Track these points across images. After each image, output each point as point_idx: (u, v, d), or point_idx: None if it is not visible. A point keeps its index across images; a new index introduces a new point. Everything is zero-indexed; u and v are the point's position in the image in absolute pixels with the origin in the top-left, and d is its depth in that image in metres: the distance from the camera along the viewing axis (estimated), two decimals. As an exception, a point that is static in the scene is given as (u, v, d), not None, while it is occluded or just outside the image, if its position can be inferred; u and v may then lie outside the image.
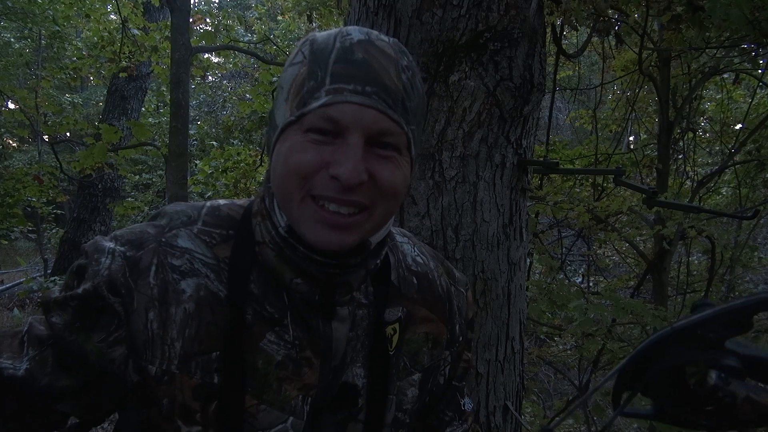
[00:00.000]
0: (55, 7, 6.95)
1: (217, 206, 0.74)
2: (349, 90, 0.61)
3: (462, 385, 0.89)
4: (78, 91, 12.76)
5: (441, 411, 0.87)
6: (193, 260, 0.69)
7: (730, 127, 4.89)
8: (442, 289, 0.84)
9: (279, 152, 0.65)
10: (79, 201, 6.54)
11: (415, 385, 0.79)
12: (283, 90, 0.66)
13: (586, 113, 4.98)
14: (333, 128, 0.62)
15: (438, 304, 0.83)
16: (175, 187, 4.28)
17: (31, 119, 6.43)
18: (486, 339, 1.47)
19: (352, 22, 1.58)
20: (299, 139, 0.63)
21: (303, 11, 5.70)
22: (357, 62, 0.62)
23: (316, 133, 0.62)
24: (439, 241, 1.42)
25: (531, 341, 4.67)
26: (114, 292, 0.66)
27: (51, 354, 0.68)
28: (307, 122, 0.62)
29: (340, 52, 0.63)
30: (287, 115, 0.64)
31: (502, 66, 1.40)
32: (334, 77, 0.61)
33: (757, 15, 2.26)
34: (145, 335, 0.66)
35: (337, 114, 0.61)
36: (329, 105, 0.61)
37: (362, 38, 0.64)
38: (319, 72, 0.62)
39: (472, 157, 1.42)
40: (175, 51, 4.34)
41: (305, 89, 0.63)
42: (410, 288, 0.80)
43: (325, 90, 0.61)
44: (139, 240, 0.69)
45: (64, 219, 11.58)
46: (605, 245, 4.95)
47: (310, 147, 0.62)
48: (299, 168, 0.62)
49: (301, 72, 0.64)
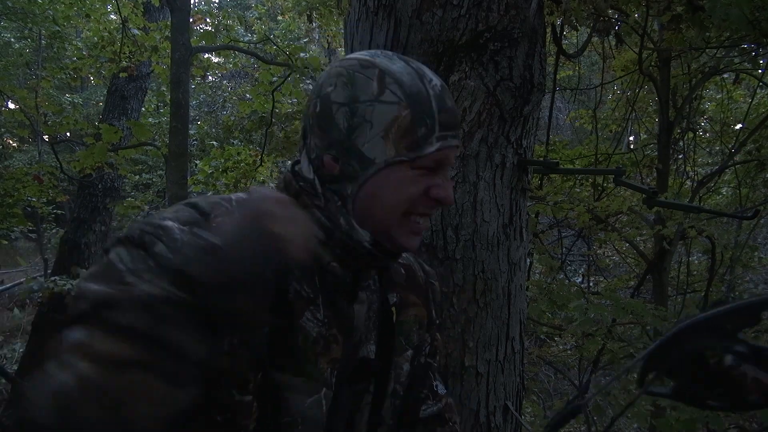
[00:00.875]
0: (55, 7, 6.94)
1: (244, 200, 0.82)
2: (451, 135, 0.78)
3: (433, 364, 1.02)
4: (78, 91, 12.76)
5: (417, 389, 0.98)
6: None
7: (730, 127, 4.89)
8: (421, 279, 0.99)
9: (384, 183, 0.78)
10: (79, 201, 6.53)
11: (408, 361, 0.92)
12: (374, 126, 0.76)
13: (586, 113, 4.98)
14: (437, 166, 0.79)
15: (420, 291, 0.97)
16: (175, 187, 4.28)
17: (31, 119, 6.43)
18: (486, 339, 1.47)
19: (352, 23, 1.58)
20: (410, 174, 0.77)
21: (303, 11, 5.70)
22: (451, 111, 0.79)
23: (423, 169, 0.78)
24: (439, 241, 1.42)
25: (531, 341, 4.66)
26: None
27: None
28: (420, 162, 0.77)
29: (437, 101, 0.77)
30: (390, 153, 0.76)
31: (502, 66, 1.40)
32: (441, 126, 0.77)
33: (757, 15, 2.26)
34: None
35: (443, 157, 0.78)
36: (440, 150, 0.77)
37: (441, 83, 0.80)
38: (428, 120, 0.76)
39: (472, 157, 1.42)
40: (175, 51, 4.34)
41: (419, 135, 0.76)
42: (400, 277, 0.94)
43: (435, 137, 0.76)
44: (196, 224, 0.72)
45: (64, 219, 11.57)
46: (605, 245, 4.95)
47: (419, 179, 0.78)
48: (411, 195, 0.78)
49: (403, 115, 0.76)
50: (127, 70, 6.04)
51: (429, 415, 0.99)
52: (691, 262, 4.59)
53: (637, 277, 4.43)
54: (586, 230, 3.90)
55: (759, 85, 4.08)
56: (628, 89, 4.52)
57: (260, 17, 8.13)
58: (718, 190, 5.04)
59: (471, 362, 1.45)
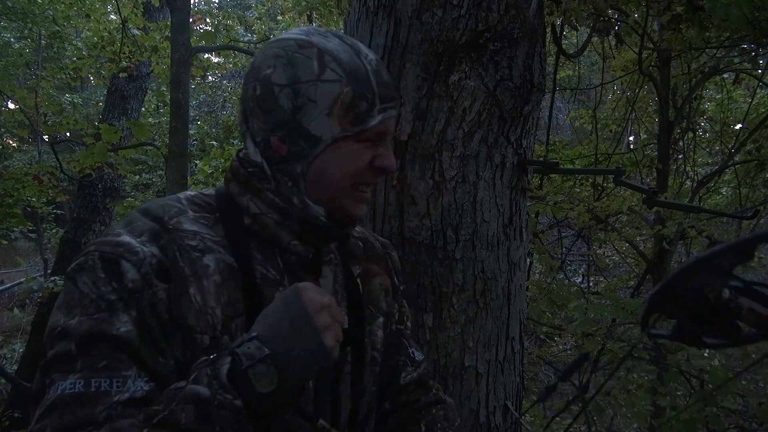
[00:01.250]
0: (55, 7, 6.94)
1: (191, 196, 0.85)
2: (391, 107, 0.82)
3: (405, 331, 1.05)
4: (78, 91, 12.76)
5: (392, 357, 1.01)
6: (204, 239, 0.79)
7: (730, 127, 4.89)
8: (379, 250, 1.03)
9: (333, 158, 0.80)
10: (79, 201, 6.52)
11: (380, 327, 0.95)
12: (318, 105, 0.78)
13: (586, 113, 4.98)
14: (378, 137, 0.82)
15: (380, 260, 1.01)
16: (175, 187, 4.28)
17: (31, 119, 6.42)
18: (486, 339, 1.47)
19: (352, 22, 1.58)
20: (355, 147, 0.80)
21: (303, 11, 5.70)
22: (388, 84, 0.82)
23: (368, 141, 0.81)
24: (439, 241, 1.42)
25: (531, 341, 4.66)
26: (163, 278, 0.73)
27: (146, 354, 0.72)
28: (364, 135, 0.80)
29: (375, 75, 0.80)
30: (336, 129, 0.79)
31: (502, 66, 1.40)
32: (382, 99, 0.80)
33: (757, 15, 2.26)
34: (195, 309, 0.74)
35: (385, 128, 0.82)
36: (382, 122, 0.81)
37: (376, 57, 0.83)
38: (368, 95, 0.79)
39: (472, 157, 1.42)
40: (175, 51, 4.34)
41: (361, 110, 0.79)
42: (359, 250, 0.98)
43: (377, 110, 0.80)
44: (151, 231, 0.76)
45: (64, 219, 11.58)
46: (605, 245, 4.95)
47: (364, 152, 0.81)
48: (358, 168, 0.81)
49: (345, 91, 0.78)
50: (127, 70, 6.03)
51: (410, 381, 1.01)
52: (691, 262, 4.57)
53: (637, 277, 4.43)
54: (586, 230, 3.90)
55: (759, 85, 4.07)
56: (628, 89, 4.52)
57: (260, 17, 8.12)
58: (718, 190, 5.04)
59: (471, 362, 1.45)
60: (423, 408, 0.99)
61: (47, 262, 7.58)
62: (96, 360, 0.67)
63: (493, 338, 1.48)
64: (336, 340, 0.69)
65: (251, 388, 0.64)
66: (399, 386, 1.00)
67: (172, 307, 0.72)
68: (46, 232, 10.76)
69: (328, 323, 0.68)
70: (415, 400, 1.00)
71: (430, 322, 1.43)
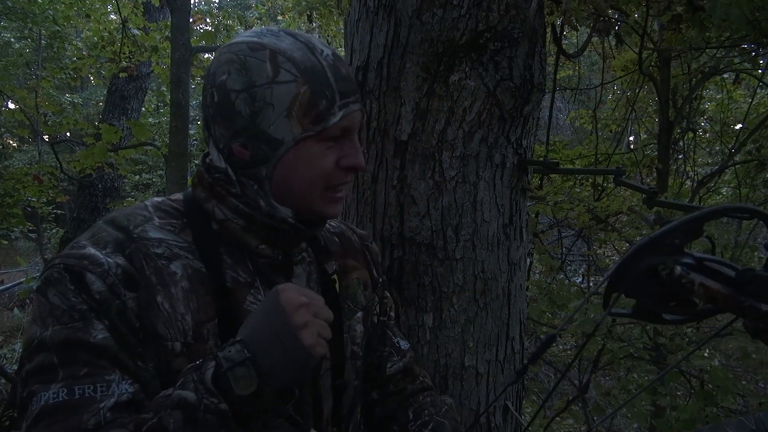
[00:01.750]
0: (55, 7, 6.94)
1: (158, 203, 0.85)
2: (351, 101, 0.79)
3: (389, 322, 1.05)
4: (78, 91, 12.75)
5: (377, 348, 1.02)
6: (170, 246, 0.78)
7: (730, 127, 4.88)
8: (357, 243, 1.03)
9: (296, 160, 0.78)
10: (79, 201, 6.53)
11: (360, 322, 0.95)
12: (276, 107, 0.76)
13: (586, 113, 4.98)
14: (342, 134, 0.80)
15: (358, 254, 1.01)
16: (175, 187, 4.28)
17: (31, 119, 6.42)
18: (486, 339, 1.47)
19: (352, 23, 1.58)
20: (318, 148, 0.78)
21: (303, 11, 5.70)
22: (347, 78, 0.79)
23: (331, 140, 0.79)
24: (439, 241, 1.42)
25: (531, 341, 4.66)
26: (130, 287, 0.72)
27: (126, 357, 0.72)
28: (327, 134, 0.78)
29: (332, 71, 0.78)
30: (297, 130, 0.77)
31: (502, 66, 1.40)
32: (341, 95, 0.78)
33: (757, 15, 2.26)
34: (163, 317, 0.73)
35: (349, 123, 0.79)
36: (344, 117, 0.78)
37: (332, 52, 0.80)
38: (326, 91, 0.77)
39: (472, 157, 1.42)
40: (175, 51, 4.34)
41: (321, 108, 0.77)
42: (335, 246, 0.98)
43: (338, 106, 0.78)
44: (116, 242, 0.75)
45: (64, 219, 11.57)
46: (605, 245, 4.94)
47: (328, 152, 0.79)
48: (324, 169, 0.79)
49: (302, 91, 0.76)
50: (127, 70, 6.04)
51: (396, 371, 1.01)
52: (691, 262, 4.57)
53: (637, 277, 4.41)
54: (586, 230, 3.90)
55: (759, 85, 4.07)
56: (628, 89, 4.52)
57: (260, 17, 8.12)
58: (718, 190, 5.03)
59: (471, 362, 1.45)
60: (410, 396, 1.00)
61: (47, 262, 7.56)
62: (77, 368, 0.67)
63: (493, 338, 1.48)
64: (317, 337, 0.68)
65: (233, 392, 0.64)
66: (385, 377, 1.01)
67: (142, 315, 0.72)
68: (46, 232, 10.75)
69: (306, 321, 0.67)
70: (402, 388, 1.01)
71: (430, 322, 1.43)
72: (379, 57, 1.46)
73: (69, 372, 0.67)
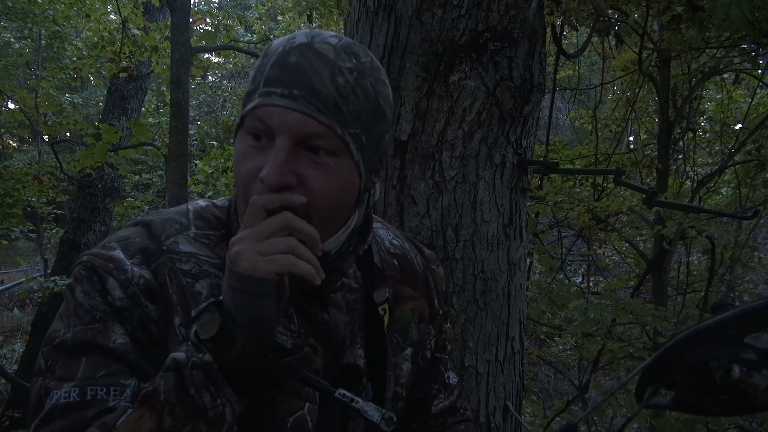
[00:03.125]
0: (55, 7, 6.94)
1: (201, 209, 0.77)
2: (277, 93, 0.64)
3: (444, 357, 0.94)
4: (78, 91, 12.75)
5: (427, 384, 0.92)
6: (200, 262, 0.72)
7: (730, 127, 4.89)
8: (419, 268, 0.90)
9: (234, 158, 0.69)
10: (79, 201, 6.52)
11: (408, 360, 0.84)
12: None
13: (586, 113, 4.98)
14: (264, 130, 0.65)
15: (418, 281, 0.88)
16: (175, 187, 4.28)
17: (31, 119, 6.42)
18: (486, 339, 1.47)
19: (352, 23, 1.58)
20: (241, 146, 0.67)
21: (303, 11, 5.70)
22: (289, 66, 0.64)
23: (252, 137, 0.66)
24: (439, 241, 1.42)
25: (531, 341, 4.66)
26: (151, 299, 0.68)
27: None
28: (246, 125, 0.66)
29: (278, 56, 0.65)
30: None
31: (502, 66, 1.40)
32: (266, 81, 0.65)
33: (757, 15, 2.26)
34: (177, 341, 0.68)
35: (265, 116, 0.64)
36: (258, 107, 0.64)
37: (303, 41, 0.66)
38: (258, 76, 0.66)
39: (472, 157, 1.42)
40: (175, 51, 4.34)
41: (246, 92, 0.67)
42: (393, 269, 0.85)
43: (258, 93, 0.65)
44: (144, 251, 0.71)
45: (64, 219, 11.56)
46: (605, 245, 4.95)
47: (249, 156, 0.66)
48: (241, 178, 0.67)
49: (251, 75, 0.68)
50: (127, 70, 6.03)
51: (441, 410, 0.93)
52: (691, 262, 4.59)
53: (637, 277, 4.43)
54: (586, 230, 3.90)
55: (759, 85, 4.07)
56: (628, 89, 4.52)
57: (260, 17, 8.11)
58: (718, 190, 5.04)
59: (471, 362, 1.45)
60: (448, 428, 0.94)
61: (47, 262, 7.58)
62: (94, 369, 0.65)
63: (493, 338, 1.48)
64: (256, 256, 0.60)
65: (205, 340, 0.60)
66: (429, 414, 0.93)
67: (160, 330, 0.68)
68: (46, 232, 10.75)
69: (240, 249, 0.61)
70: (442, 422, 0.94)
71: (430, 322, 1.43)
72: (378, 57, 1.46)
73: (86, 373, 0.64)
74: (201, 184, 5.79)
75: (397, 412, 0.83)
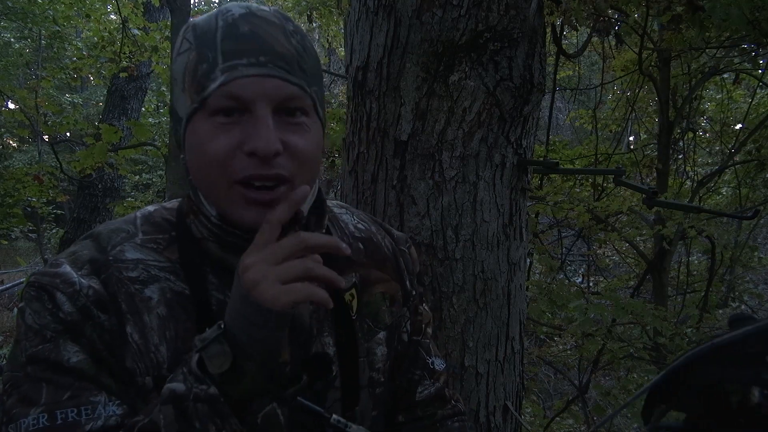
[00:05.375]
0: (55, 7, 6.94)
1: (149, 214, 0.76)
2: (243, 64, 0.62)
3: (424, 341, 0.91)
4: (78, 91, 12.76)
5: (407, 370, 0.89)
6: (148, 268, 0.70)
7: (730, 127, 4.89)
8: (387, 250, 0.88)
9: (191, 144, 0.66)
10: (79, 201, 6.53)
11: (382, 344, 0.82)
12: (178, 81, 0.67)
13: (586, 113, 4.98)
14: (237, 105, 0.63)
15: (387, 263, 0.86)
16: (175, 187, 4.27)
17: (31, 119, 6.42)
18: (486, 339, 1.47)
19: (352, 23, 1.58)
20: (206, 126, 0.63)
21: (303, 11, 5.70)
22: (244, 36, 0.63)
23: (221, 115, 0.63)
24: (439, 241, 1.42)
25: (531, 341, 4.66)
26: (102, 310, 0.66)
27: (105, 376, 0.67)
28: (211, 105, 0.63)
29: (225, 29, 0.63)
30: (188, 104, 0.65)
31: (502, 66, 1.40)
32: (225, 55, 0.62)
33: (757, 15, 2.26)
34: (132, 350, 0.66)
35: (238, 90, 0.62)
36: (227, 83, 0.62)
37: (243, 12, 0.64)
38: (209, 54, 0.63)
39: (472, 157, 1.42)
40: (175, 51, 4.33)
41: (200, 73, 0.63)
42: (359, 254, 0.83)
43: (219, 69, 0.62)
44: (93, 262, 0.69)
45: (64, 219, 11.57)
46: (605, 245, 4.94)
47: (220, 132, 0.63)
48: (216, 156, 0.63)
49: (191, 58, 0.65)
50: (127, 70, 6.04)
51: (426, 396, 0.89)
52: (691, 262, 4.59)
53: (637, 277, 4.43)
54: (586, 230, 3.90)
55: (759, 85, 4.08)
56: (628, 89, 4.52)
57: (260, 17, 8.10)
58: (718, 190, 5.04)
59: (471, 362, 1.45)
60: (439, 421, 0.90)
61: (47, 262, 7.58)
62: (59, 392, 0.62)
63: (493, 338, 1.48)
64: (277, 285, 0.58)
65: (214, 374, 0.58)
66: (414, 402, 0.89)
67: (115, 340, 0.66)
68: (46, 232, 10.75)
69: (256, 278, 0.58)
70: (431, 413, 0.90)
71: (430, 322, 1.43)
72: (379, 57, 1.46)
73: (51, 396, 0.62)
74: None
75: (376, 398, 0.82)
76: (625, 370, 3.21)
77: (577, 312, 2.35)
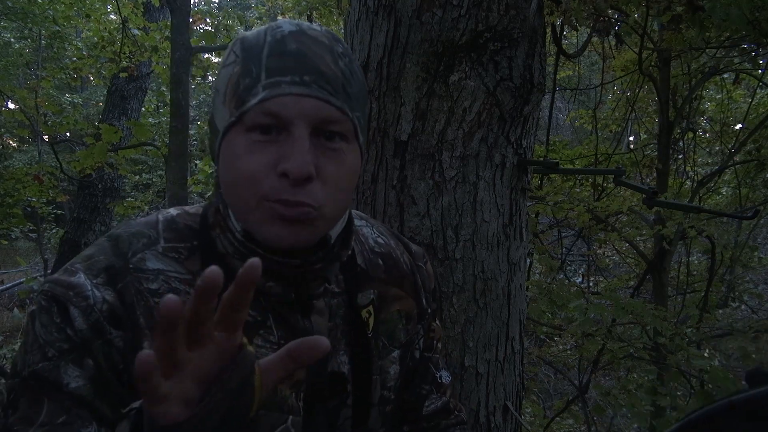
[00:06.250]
0: (55, 7, 6.94)
1: (172, 218, 0.73)
2: (287, 82, 0.60)
3: (434, 356, 0.90)
4: (78, 91, 12.76)
5: (417, 385, 0.88)
6: (169, 280, 0.67)
7: (730, 127, 4.89)
8: (406, 266, 0.86)
9: (225, 158, 0.64)
10: (79, 201, 6.53)
11: (395, 362, 0.81)
12: (220, 93, 0.66)
13: (586, 113, 4.98)
14: (275, 123, 0.61)
15: (405, 280, 0.84)
16: (175, 187, 4.28)
17: (31, 119, 6.42)
18: (486, 339, 1.47)
19: (352, 22, 1.58)
20: (243, 141, 0.62)
21: (303, 11, 5.70)
22: (291, 53, 0.61)
23: (258, 132, 0.62)
24: (439, 241, 1.42)
25: (531, 341, 4.66)
26: (116, 325, 0.64)
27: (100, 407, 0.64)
28: (248, 121, 0.61)
29: (272, 45, 0.62)
30: (227, 117, 0.64)
31: (502, 66, 1.40)
32: (269, 71, 0.61)
33: (757, 15, 2.26)
34: None
35: (277, 107, 0.60)
36: (267, 99, 0.60)
37: (293, 29, 0.63)
38: (253, 68, 0.62)
39: (472, 157, 1.42)
40: (175, 51, 4.34)
41: (241, 87, 0.62)
42: (378, 270, 0.81)
43: (261, 85, 0.61)
44: (110, 269, 0.66)
45: (64, 219, 11.56)
46: (605, 245, 4.94)
47: (255, 149, 0.61)
48: (248, 173, 0.61)
49: (235, 71, 0.63)
50: (127, 70, 6.04)
51: (432, 411, 0.89)
52: (691, 262, 4.59)
53: (637, 277, 4.43)
54: (586, 230, 3.90)
55: (759, 85, 4.08)
56: (628, 89, 4.52)
57: (260, 17, 8.13)
58: (718, 190, 5.04)
59: (471, 362, 1.45)
60: (442, 430, 0.90)
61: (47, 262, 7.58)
62: (54, 414, 0.61)
63: (493, 338, 1.48)
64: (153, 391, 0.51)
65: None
66: (421, 415, 0.89)
67: (127, 359, 0.63)
68: (46, 232, 10.75)
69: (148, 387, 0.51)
70: (436, 424, 0.90)
71: (430, 322, 1.43)
72: (378, 57, 1.46)
73: (47, 418, 0.61)
74: (201, 184, 5.80)
75: (384, 416, 0.80)
76: (625, 370, 3.21)
77: (577, 312, 2.35)
